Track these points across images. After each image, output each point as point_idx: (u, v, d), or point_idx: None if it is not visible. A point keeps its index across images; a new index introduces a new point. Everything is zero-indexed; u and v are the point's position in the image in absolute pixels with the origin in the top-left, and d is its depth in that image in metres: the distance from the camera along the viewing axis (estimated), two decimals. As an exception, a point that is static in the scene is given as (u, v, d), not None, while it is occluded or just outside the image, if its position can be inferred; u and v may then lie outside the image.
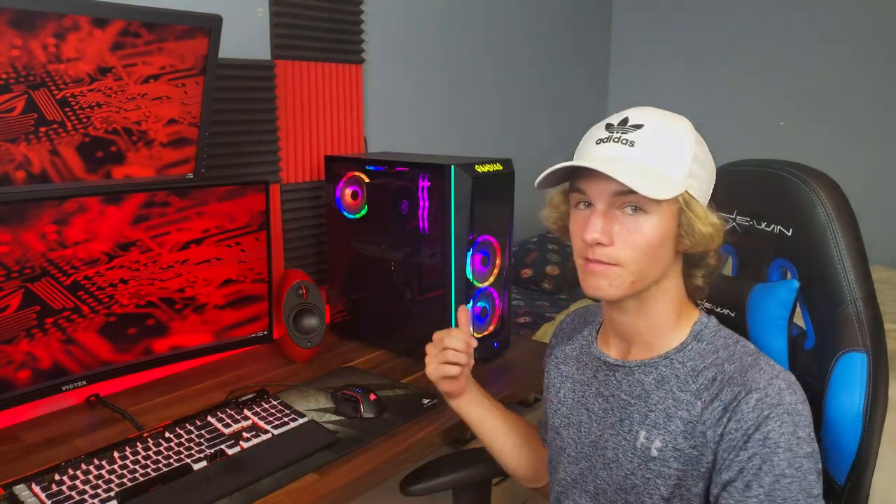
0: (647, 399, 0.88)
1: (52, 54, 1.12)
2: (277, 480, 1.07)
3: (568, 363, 1.03)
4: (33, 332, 1.18)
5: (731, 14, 3.07)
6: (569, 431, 0.98)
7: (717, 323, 0.90)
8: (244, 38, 1.63)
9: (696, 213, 0.82)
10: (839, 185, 0.93)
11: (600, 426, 0.93)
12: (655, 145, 0.82)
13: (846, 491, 0.87)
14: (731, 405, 0.80)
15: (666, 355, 0.88)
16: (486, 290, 1.52)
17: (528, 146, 2.76)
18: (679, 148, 0.83)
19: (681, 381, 0.86)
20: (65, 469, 1.05)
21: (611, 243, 0.83)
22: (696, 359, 0.86)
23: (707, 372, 0.85)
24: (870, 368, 0.86)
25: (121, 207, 1.25)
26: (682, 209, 0.83)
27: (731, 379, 0.82)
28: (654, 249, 0.83)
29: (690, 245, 0.84)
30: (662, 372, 0.88)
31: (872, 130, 2.81)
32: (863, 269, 0.89)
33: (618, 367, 0.93)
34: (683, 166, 0.82)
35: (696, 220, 0.82)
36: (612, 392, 0.92)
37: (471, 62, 2.46)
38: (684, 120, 0.86)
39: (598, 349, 0.97)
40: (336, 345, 1.67)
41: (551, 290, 2.57)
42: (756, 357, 0.84)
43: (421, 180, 1.46)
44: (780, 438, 0.77)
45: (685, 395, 0.84)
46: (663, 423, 0.85)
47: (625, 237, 0.83)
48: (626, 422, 0.89)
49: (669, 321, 0.89)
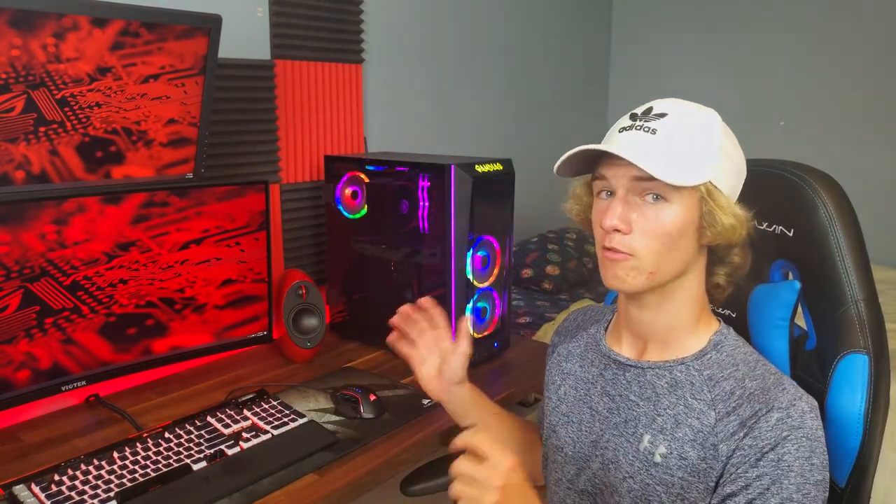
0: (656, 402, 0.86)
1: (51, 54, 1.11)
2: (277, 481, 1.07)
3: (571, 360, 1.01)
4: (33, 333, 1.18)
5: (730, 14, 3.07)
6: (567, 430, 0.96)
7: (737, 336, 0.89)
8: (244, 37, 1.63)
9: (718, 203, 0.80)
10: (840, 186, 0.92)
11: (603, 426, 0.91)
12: (679, 133, 0.81)
13: (847, 493, 0.87)
14: (750, 421, 0.78)
15: (682, 360, 0.86)
16: (486, 290, 1.51)
17: (528, 146, 2.76)
18: (704, 137, 0.81)
19: (695, 389, 0.84)
20: (64, 469, 1.05)
21: (629, 231, 0.81)
22: (714, 368, 0.84)
23: (725, 383, 0.83)
24: (871, 370, 0.86)
25: (120, 207, 1.25)
26: (704, 199, 0.80)
27: (752, 395, 0.80)
28: (674, 240, 0.81)
29: (713, 237, 0.82)
30: (677, 377, 0.86)
31: (872, 130, 2.81)
32: (864, 271, 0.88)
33: (629, 366, 0.90)
34: (707, 155, 0.80)
35: (719, 210, 0.80)
36: (620, 392, 0.90)
37: (471, 62, 2.46)
38: (712, 112, 0.84)
39: (608, 347, 0.95)
40: (336, 345, 1.67)
41: (551, 290, 2.57)
42: (780, 377, 0.82)
43: (421, 180, 1.46)
44: (794, 462, 0.75)
45: (698, 404, 0.83)
46: (671, 429, 0.83)
47: (643, 225, 0.81)
48: (631, 423, 0.87)
49: (689, 323, 0.87)
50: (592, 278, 2.70)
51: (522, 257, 2.65)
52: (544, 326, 2.18)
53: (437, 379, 1.09)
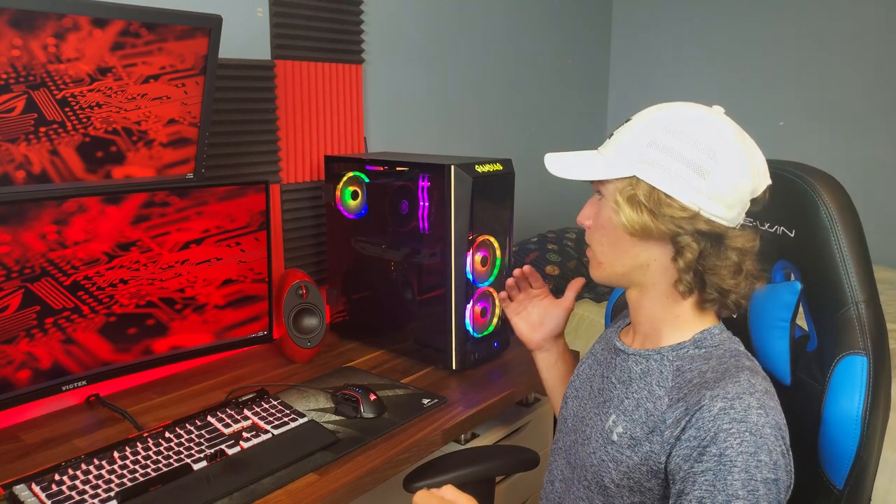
0: (628, 386, 0.90)
1: (52, 54, 1.11)
2: (277, 480, 1.07)
3: (600, 342, 1.06)
4: (33, 332, 1.18)
5: (730, 14, 3.07)
6: (572, 403, 1.02)
7: (729, 337, 0.88)
8: (244, 38, 1.63)
9: (628, 197, 0.83)
10: (842, 186, 0.92)
11: (593, 403, 0.96)
12: (624, 131, 0.86)
13: (845, 495, 0.87)
14: (694, 409, 0.78)
15: (659, 350, 0.89)
16: (486, 290, 1.51)
17: (528, 146, 2.76)
18: (639, 132, 0.84)
19: (662, 378, 0.86)
20: (65, 469, 1.05)
21: (589, 227, 0.92)
22: (686, 360, 0.86)
23: (688, 374, 0.84)
24: (870, 371, 0.86)
25: (121, 207, 1.25)
26: (623, 191, 0.84)
27: (705, 384, 0.80)
28: (608, 232, 0.87)
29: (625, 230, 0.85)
30: (651, 365, 0.89)
31: (872, 130, 2.81)
32: (865, 272, 0.88)
33: (620, 351, 0.95)
34: (634, 150, 0.83)
35: (625, 204, 0.83)
36: (610, 374, 0.95)
37: (471, 62, 2.46)
38: (683, 110, 0.84)
39: (617, 335, 1.00)
40: (336, 345, 1.67)
41: (551, 290, 2.55)
42: (741, 370, 0.80)
43: (421, 180, 1.46)
44: (737, 458, 0.73)
45: (659, 390, 0.85)
46: (631, 412, 0.87)
47: (593, 220, 0.91)
48: (606, 404, 0.92)
49: (664, 318, 0.89)
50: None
51: (522, 257, 2.65)
52: (544, 326, 2.17)
53: (536, 330, 1.19)
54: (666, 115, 0.84)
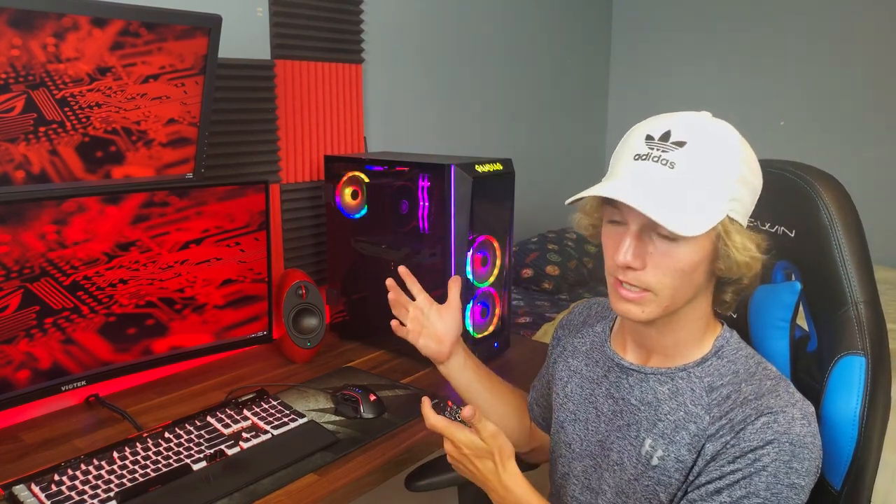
0: (657, 408, 0.87)
1: (51, 54, 1.11)
2: (277, 481, 1.07)
3: (577, 357, 1.01)
4: (33, 333, 1.18)
5: (730, 15, 3.07)
6: (575, 427, 0.97)
7: (739, 339, 0.89)
8: (244, 38, 1.63)
9: (733, 241, 0.78)
10: (842, 186, 0.92)
11: (608, 427, 0.92)
12: (697, 168, 0.77)
13: (843, 496, 0.86)
14: (739, 426, 0.79)
15: (685, 367, 0.87)
16: (486, 290, 1.51)
17: (528, 146, 2.76)
18: (723, 172, 0.77)
19: (695, 396, 0.84)
20: (64, 469, 1.05)
21: (642, 267, 0.79)
22: (714, 375, 0.85)
23: (723, 389, 0.83)
24: (868, 372, 0.85)
25: (120, 207, 1.25)
26: (721, 236, 0.78)
27: (746, 401, 0.80)
28: (688, 275, 0.80)
29: (725, 270, 0.81)
30: (679, 384, 0.86)
31: (872, 130, 2.81)
32: (865, 272, 0.88)
33: (632, 370, 0.91)
34: (726, 192, 0.77)
35: (734, 250, 0.78)
36: (623, 395, 0.91)
37: (471, 62, 2.46)
38: (731, 133, 0.80)
39: (612, 350, 0.95)
40: (336, 345, 1.67)
41: (551, 290, 2.57)
42: (777, 382, 0.82)
43: (421, 180, 1.46)
44: (770, 464, 0.75)
45: (696, 409, 0.83)
46: (670, 434, 0.84)
47: (657, 261, 0.79)
48: (633, 427, 0.88)
49: (695, 336, 0.88)
50: (592, 278, 2.70)
51: (522, 257, 2.65)
52: (544, 326, 2.18)
53: (443, 342, 1.09)
54: (730, 141, 0.79)
